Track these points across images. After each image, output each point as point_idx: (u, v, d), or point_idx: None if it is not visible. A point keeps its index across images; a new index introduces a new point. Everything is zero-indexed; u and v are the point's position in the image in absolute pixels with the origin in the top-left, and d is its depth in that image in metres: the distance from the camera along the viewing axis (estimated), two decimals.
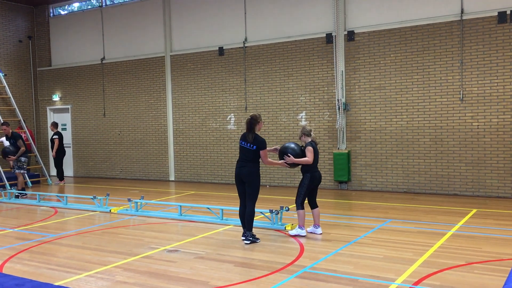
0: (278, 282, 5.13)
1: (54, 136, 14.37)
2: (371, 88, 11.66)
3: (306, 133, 7.25)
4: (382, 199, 10.46)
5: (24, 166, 12.51)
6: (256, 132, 6.87)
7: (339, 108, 11.89)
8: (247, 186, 6.81)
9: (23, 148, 12.31)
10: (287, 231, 7.44)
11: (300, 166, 7.25)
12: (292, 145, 7.17)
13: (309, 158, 7.03)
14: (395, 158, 11.47)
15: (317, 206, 7.43)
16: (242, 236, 6.91)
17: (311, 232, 7.34)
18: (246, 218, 6.84)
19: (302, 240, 6.92)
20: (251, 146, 6.79)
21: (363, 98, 11.77)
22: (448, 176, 10.90)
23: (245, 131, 6.95)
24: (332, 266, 5.66)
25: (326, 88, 12.20)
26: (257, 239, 6.94)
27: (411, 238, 6.94)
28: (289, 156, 7.03)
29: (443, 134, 10.92)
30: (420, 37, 11.06)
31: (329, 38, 12.08)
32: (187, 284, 5.16)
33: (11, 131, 12.62)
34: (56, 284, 5.16)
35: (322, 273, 5.41)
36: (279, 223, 7.77)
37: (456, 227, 7.62)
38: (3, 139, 12.98)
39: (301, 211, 7.13)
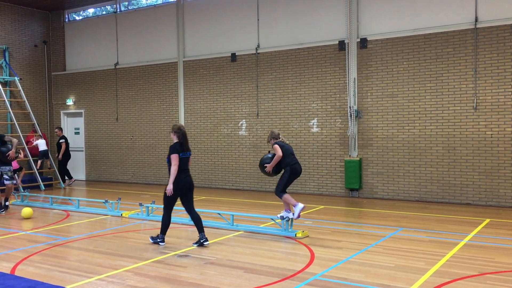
0: None
1: (61, 140, 14.90)
2: (384, 95, 11.62)
3: (274, 136, 7.89)
4: (393, 208, 10.39)
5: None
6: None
7: (351, 115, 11.86)
8: (191, 193, 7.23)
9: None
10: (297, 237, 7.43)
11: (281, 165, 7.77)
12: (266, 156, 7.96)
13: (276, 153, 7.66)
14: (407, 166, 11.39)
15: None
16: (203, 239, 7.05)
17: (282, 216, 7.70)
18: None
19: (313, 248, 6.89)
20: (189, 154, 7.16)
21: (375, 105, 11.73)
22: (461, 185, 10.80)
23: (184, 142, 7.10)
24: (342, 274, 5.63)
25: (338, 95, 12.18)
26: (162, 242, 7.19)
27: (423, 247, 6.88)
28: (266, 167, 7.78)
29: (456, 143, 10.84)
30: (434, 45, 11.01)
31: (341, 45, 12.08)
32: None
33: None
34: (67, 287, 5.19)
35: (333, 281, 5.38)
36: (290, 229, 7.75)
37: (469, 236, 7.54)
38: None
39: (285, 195, 7.68)
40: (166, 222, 7.19)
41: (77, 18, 17.52)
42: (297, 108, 12.76)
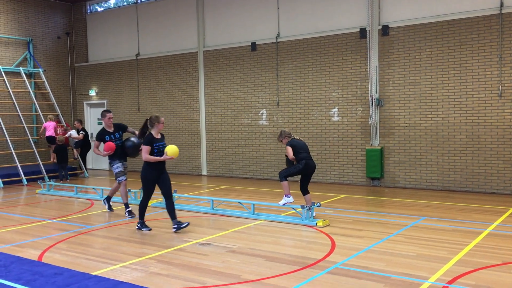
0: (309, 278, 5.14)
1: (81, 132, 15.01)
2: (406, 83, 11.47)
3: (287, 135, 8.01)
4: (415, 197, 10.30)
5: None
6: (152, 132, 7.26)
7: (372, 104, 11.75)
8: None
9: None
10: (317, 226, 7.44)
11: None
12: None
13: (288, 155, 7.86)
14: (429, 155, 11.26)
15: (308, 192, 8.03)
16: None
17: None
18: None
19: (334, 237, 6.90)
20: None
21: (397, 93, 11.59)
22: (485, 173, 10.63)
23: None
24: (363, 263, 5.62)
25: (359, 84, 12.07)
26: (146, 227, 7.45)
27: (446, 237, 6.82)
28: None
29: (480, 131, 10.65)
30: (457, 31, 10.79)
31: (363, 33, 11.94)
32: (218, 277, 5.23)
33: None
34: (93, 274, 5.32)
35: (354, 270, 5.38)
36: (311, 218, 7.77)
37: (493, 226, 7.44)
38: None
39: (285, 182, 7.85)
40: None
41: (98, 9, 17.69)
42: (318, 97, 12.70)
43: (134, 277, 5.27)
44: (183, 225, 7.33)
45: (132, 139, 8.69)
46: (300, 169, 7.81)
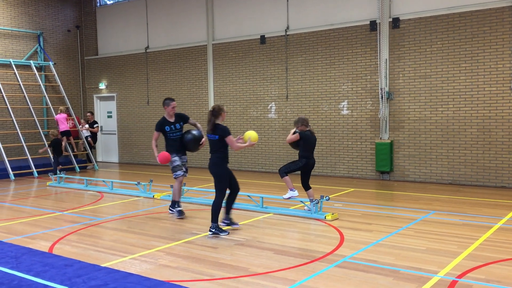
0: (318, 271, 5.14)
1: (95, 125, 15.39)
2: (416, 76, 11.37)
3: (305, 124, 7.83)
4: (425, 191, 10.24)
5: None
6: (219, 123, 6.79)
7: (382, 97, 11.67)
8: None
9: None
10: (326, 219, 7.43)
11: (298, 152, 7.92)
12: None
13: (289, 138, 7.81)
14: (440, 148, 11.17)
15: (310, 188, 8.01)
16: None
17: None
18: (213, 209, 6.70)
19: (343, 230, 6.88)
20: (214, 137, 6.79)
21: (407, 87, 11.50)
22: (496, 167, 10.53)
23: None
24: (372, 257, 5.61)
25: (369, 77, 11.99)
26: (223, 231, 6.68)
27: (456, 231, 6.77)
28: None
29: (491, 125, 10.55)
30: (469, 23, 10.66)
31: (373, 26, 11.84)
32: (227, 269, 5.24)
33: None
34: (103, 265, 5.36)
35: (362, 263, 5.37)
36: (319, 212, 7.75)
37: (503, 220, 7.38)
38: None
39: (286, 177, 7.83)
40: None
41: (108, 2, 17.71)
42: (327, 90, 12.64)
43: (143, 269, 5.30)
44: (235, 225, 7.04)
45: (194, 132, 7.95)
46: (300, 167, 7.85)
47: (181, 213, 7.85)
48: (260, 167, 13.95)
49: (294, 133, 7.89)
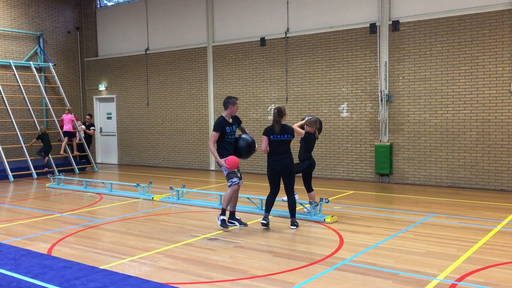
0: (317, 274, 5.13)
1: (92, 128, 15.69)
2: (416, 79, 11.38)
3: (313, 126, 7.88)
4: (425, 193, 10.24)
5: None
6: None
7: (381, 100, 11.68)
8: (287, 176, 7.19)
9: None
10: (326, 222, 7.42)
11: (298, 154, 7.98)
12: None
13: (299, 134, 7.65)
14: (439, 151, 11.18)
15: (312, 190, 8.09)
16: (292, 226, 7.24)
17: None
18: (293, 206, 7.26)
19: (342, 233, 6.88)
20: (288, 137, 7.09)
21: (407, 89, 11.51)
22: (495, 170, 10.54)
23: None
24: (372, 260, 5.60)
25: (369, 79, 12.00)
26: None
27: (455, 234, 6.77)
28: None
29: (491, 127, 10.55)
30: (469, 26, 10.68)
31: (372, 28, 11.85)
32: (226, 272, 5.24)
33: None
34: (102, 267, 5.35)
35: (362, 266, 5.36)
36: (319, 214, 7.75)
37: (503, 223, 7.38)
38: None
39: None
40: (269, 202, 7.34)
41: (108, 4, 17.72)
42: (327, 93, 12.64)
43: (142, 271, 5.29)
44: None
45: (245, 137, 7.27)
46: (303, 169, 7.94)
47: (224, 223, 7.05)
48: (259, 169, 13.95)
49: (302, 127, 7.89)
